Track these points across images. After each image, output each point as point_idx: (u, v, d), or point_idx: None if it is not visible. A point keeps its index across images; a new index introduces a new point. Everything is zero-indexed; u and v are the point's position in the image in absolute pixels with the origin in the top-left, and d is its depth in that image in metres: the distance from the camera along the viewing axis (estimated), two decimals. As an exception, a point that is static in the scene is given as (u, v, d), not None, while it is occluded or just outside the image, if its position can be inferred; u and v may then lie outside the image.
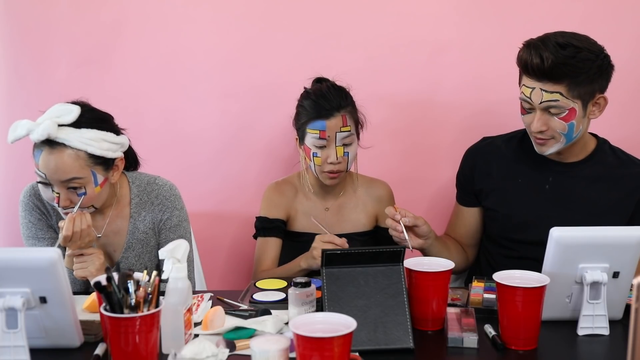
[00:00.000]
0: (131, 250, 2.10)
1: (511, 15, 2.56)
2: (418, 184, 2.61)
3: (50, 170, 1.91)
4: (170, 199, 2.12)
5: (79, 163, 1.92)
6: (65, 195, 1.94)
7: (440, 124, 2.62)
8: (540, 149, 2.05)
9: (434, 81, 2.59)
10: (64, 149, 1.91)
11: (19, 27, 2.55)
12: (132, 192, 2.11)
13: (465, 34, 2.57)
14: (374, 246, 2.17)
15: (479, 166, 2.20)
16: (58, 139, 1.89)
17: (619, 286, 1.73)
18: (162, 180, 2.15)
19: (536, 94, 1.97)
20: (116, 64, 2.57)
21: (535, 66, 1.94)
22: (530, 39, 2.00)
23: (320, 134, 2.15)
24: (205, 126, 2.60)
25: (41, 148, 1.91)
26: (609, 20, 2.55)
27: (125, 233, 2.10)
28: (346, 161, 2.18)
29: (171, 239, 2.01)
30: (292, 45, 2.57)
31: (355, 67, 2.27)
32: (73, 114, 1.92)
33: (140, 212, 2.10)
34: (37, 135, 1.88)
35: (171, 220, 2.11)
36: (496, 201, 2.16)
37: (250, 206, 2.56)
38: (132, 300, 1.50)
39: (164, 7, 2.56)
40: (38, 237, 2.07)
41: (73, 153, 1.91)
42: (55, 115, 1.91)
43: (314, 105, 2.16)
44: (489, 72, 2.59)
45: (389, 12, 2.56)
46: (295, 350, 1.44)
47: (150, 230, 2.11)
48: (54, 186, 1.94)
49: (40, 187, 1.98)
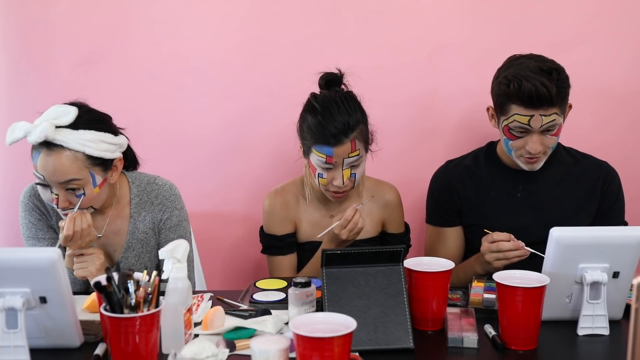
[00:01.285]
0: (131, 250, 2.10)
1: (511, 15, 2.56)
2: (418, 184, 2.60)
3: (48, 172, 1.91)
4: (170, 198, 2.12)
5: (77, 164, 1.92)
6: (64, 196, 1.94)
7: (440, 124, 2.62)
8: (531, 167, 2.11)
9: (433, 81, 2.59)
10: (62, 151, 1.90)
11: (19, 27, 2.55)
12: (132, 192, 2.11)
13: (465, 34, 2.57)
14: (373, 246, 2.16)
15: (455, 185, 2.24)
16: (56, 140, 1.89)
17: (619, 286, 1.73)
18: (162, 180, 2.15)
19: (536, 120, 2.01)
20: (116, 64, 2.57)
21: (539, 95, 1.97)
22: (506, 73, 2.05)
23: (327, 159, 2.05)
24: (205, 126, 2.60)
25: (39, 150, 1.91)
26: (609, 20, 2.55)
27: (126, 233, 2.10)
28: (353, 182, 2.10)
29: (171, 238, 2.02)
30: (292, 45, 2.57)
31: (355, 67, 2.26)
32: (70, 115, 1.91)
33: (140, 212, 2.10)
34: (35, 138, 1.88)
35: (171, 220, 2.11)
36: (476, 217, 2.21)
37: (250, 206, 2.56)
38: (132, 300, 1.50)
39: (164, 7, 2.56)
40: (38, 238, 2.07)
41: (71, 155, 1.91)
42: (53, 117, 1.91)
43: (319, 128, 2.04)
44: (489, 72, 2.59)
45: (389, 12, 2.56)
46: (295, 350, 1.44)
47: (150, 230, 2.11)
48: (53, 188, 1.94)
49: (39, 188, 1.97)
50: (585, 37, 2.55)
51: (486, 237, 1.98)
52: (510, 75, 2.03)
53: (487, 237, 1.98)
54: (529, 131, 2.04)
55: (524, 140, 2.06)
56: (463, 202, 2.23)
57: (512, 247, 1.93)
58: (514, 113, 2.03)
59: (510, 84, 2.01)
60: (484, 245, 1.97)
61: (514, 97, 2.02)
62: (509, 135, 2.08)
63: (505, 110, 2.06)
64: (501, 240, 1.94)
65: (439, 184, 2.28)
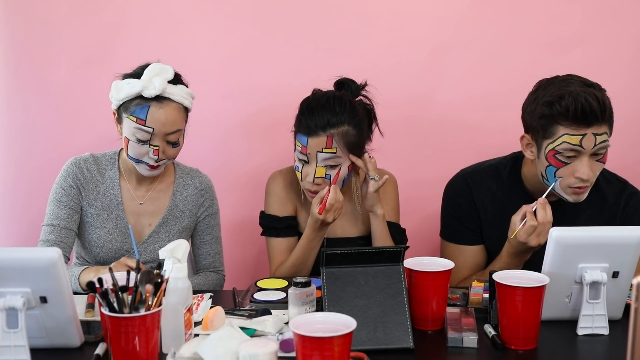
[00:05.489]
0: (164, 225, 2.17)
1: (511, 15, 2.57)
2: (417, 184, 2.61)
3: (159, 123, 2.02)
4: (212, 188, 2.28)
5: (181, 116, 2.08)
6: (164, 147, 2.06)
7: (441, 124, 2.62)
8: (577, 198, 1.97)
9: (434, 81, 2.59)
10: (170, 103, 2.04)
11: (19, 28, 2.56)
12: (176, 172, 2.24)
13: (465, 34, 2.57)
14: (373, 246, 2.17)
15: (477, 203, 2.14)
16: (166, 94, 2.02)
17: (619, 286, 1.73)
18: (202, 172, 2.29)
19: (588, 140, 1.88)
20: (116, 64, 2.56)
21: (592, 109, 1.85)
22: (548, 92, 1.91)
23: (301, 149, 2.08)
24: (205, 126, 2.60)
25: (148, 104, 2.02)
26: (610, 20, 2.56)
27: (165, 207, 2.19)
28: (327, 183, 2.07)
29: (211, 225, 2.25)
30: (292, 45, 2.57)
31: (356, 67, 2.27)
32: (171, 71, 2.05)
33: (183, 192, 2.22)
34: (153, 91, 2.00)
35: (212, 208, 2.26)
36: (494, 243, 2.10)
37: (250, 207, 2.57)
38: (143, 295, 1.49)
39: (164, 7, 2.56)
40: (62, 202, 2.11)
41: (177, 106, 2.06)
42: (158, 73, 2.02)
43: (302, 118, 2.09)
44: (489, 72, 2.59)
45: (389, 12, 2.56)
46: (294, 350, 1.44)
47: (188, 211, 2.21)
48: (155, 140, 2.03)
49: (134, 145, 2.04)
50: (585, 37, 2.55)
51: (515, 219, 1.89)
52: (554, 93, 1.90)
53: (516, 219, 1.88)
54: (579, 154, 1.90)
55: (572, 167, 1.91)
56: (483, 218, 2.14)
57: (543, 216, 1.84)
58: (563, 134, 1.89)
59: (557, 102, 1.88)
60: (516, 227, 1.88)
61: (561, 117, 1.88)
62: (554, 162, 1.93)
63: (550, 133, 1.91)
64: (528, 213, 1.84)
65: (458, 196, 2.17)
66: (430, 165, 2.65)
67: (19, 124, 2.60)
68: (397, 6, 2.56)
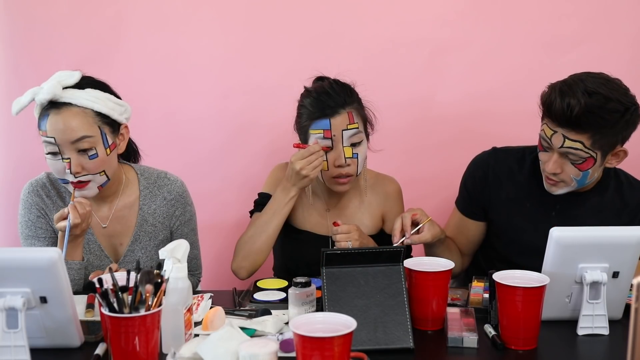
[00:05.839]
0: (138, 242, 2.09)
1: (511, 14, 2.56)
2: (417, 184, 2.61)
3: (59, 131, 1.89)
4: (183, 194, 2.14)
5: (87, 120, 1.91)
6: (77, 159, 1.91)
7: (441, 124, 2.62)
8: (549, 189, 2.02)
9: (434, 81, 2.59)
10: (70, 107, 1.90)
11: (19, 28, 2.56)
12: (140, 183, 2.11)
13: (465, 34, 2.57)
14: (373, 246, 2.17)
15: (491, 180, 2.15)
16: (63, 98, 1.89)
17: (619, 286, 1.73)
18: (172, 176, 2.16)
19: (557, 138, 1.91)
20: (117, 64, 2.57)
21: (560, 112, 1.87)
22: (558, 82, 1.93)
23: (324, 133, 2.03)
24: (206, 125, 2.60)
25: (47, 112, 1.90)
26: (610, 20, 2.55)
27: (133, 225, 2.09)
28: (356, 164, 2.06)
29: (185, 233, 2.12)
30: (292, 44, 2.57)
31: (355, 67, 2.26)
32: (75, 76, 1.92)
33: (150, 204, 2.10)
34: (44, 96, 1.87)
35: (184, 216, 2.14)
36: (503, 224, 2.13)
37: (248, 207, 2.56)
38: (143, 295, 1.49)
39: (165, 6, 2.56)
40: (37, 237, 2.06)
41: (80, 110, 1.91)
42: (57, 79, 1.91)
43: (315, 103, 2.05)
44: (489, 72, 2.59)
45: (389, 12, 2.56)
46: (294, 350, 1.44)
47: (160, 224, 2.11)
48: (64, 152, 1.90)
49: (49, 161, 1.93)
50: (585, 37, 2.55)
51: None
52: (558, 84, 1.92)
53: None
54: (549, 148, 1.95)
55: (548, 156, 1.97)
56: (493, 199, 2.14)
57: None
58: (544, 123, 1.96)
59: (552, 92, 1.91)
60: None
61: (546, 106, 1.93)
62: (539, 145, 1.99)
63: (542, 117, 1.97)
64: None
65: (474, 172, 2.18)
66: (430, 164, 2.64)
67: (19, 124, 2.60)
68: (397, 6, 2.56)
